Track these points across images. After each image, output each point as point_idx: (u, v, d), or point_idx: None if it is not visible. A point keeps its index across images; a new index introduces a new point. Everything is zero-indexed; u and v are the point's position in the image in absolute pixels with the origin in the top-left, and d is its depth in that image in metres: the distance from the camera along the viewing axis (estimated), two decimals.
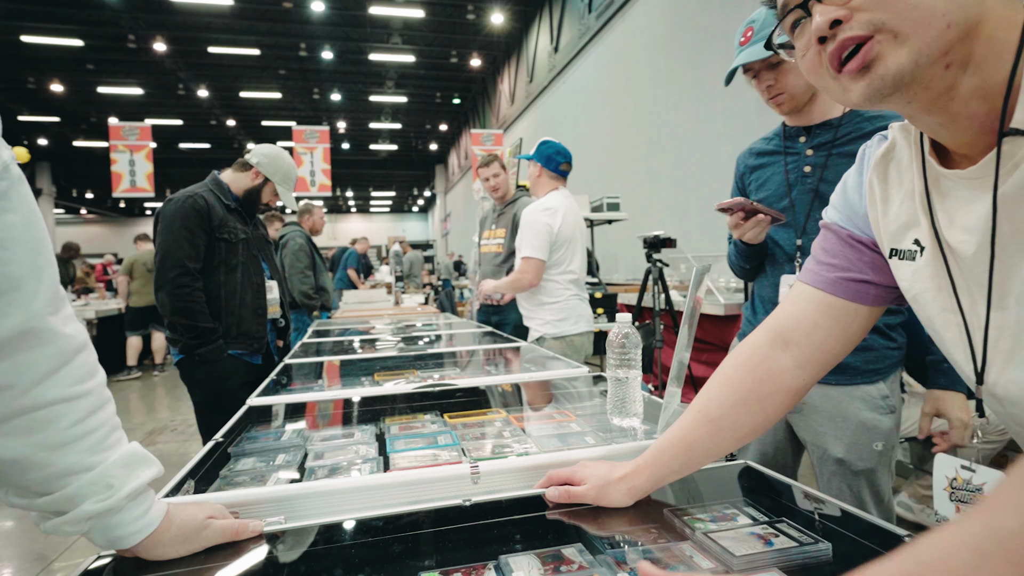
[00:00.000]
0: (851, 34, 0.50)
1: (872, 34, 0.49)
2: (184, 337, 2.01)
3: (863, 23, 0.49)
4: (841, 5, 0.50)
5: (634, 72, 7.96)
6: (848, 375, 1.25)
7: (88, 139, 18.88)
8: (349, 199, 30.08)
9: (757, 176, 1.41)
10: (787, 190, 1.33)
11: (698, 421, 0.74)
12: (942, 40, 0.47)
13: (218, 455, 0.96)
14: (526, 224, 2.44)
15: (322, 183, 10.50)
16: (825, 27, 0.51)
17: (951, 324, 0.59)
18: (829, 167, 1.27)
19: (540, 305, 2.48)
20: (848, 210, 0.71)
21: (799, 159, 1.32)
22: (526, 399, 1.36)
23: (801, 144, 1.33)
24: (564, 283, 2.48)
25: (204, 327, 2.01)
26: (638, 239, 3.18)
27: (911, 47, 0.48)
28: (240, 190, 2.25)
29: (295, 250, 4.08)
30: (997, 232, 0.51)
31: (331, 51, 14.47)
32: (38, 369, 0.52)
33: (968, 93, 0.50)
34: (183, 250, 1.99)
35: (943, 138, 0.56)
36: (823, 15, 0.51)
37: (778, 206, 1.33)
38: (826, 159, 1.27)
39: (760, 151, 1.43)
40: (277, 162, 2.29)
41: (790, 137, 1.36)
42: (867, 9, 0.49)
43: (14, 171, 0.50)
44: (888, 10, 0.48)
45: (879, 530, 0.64)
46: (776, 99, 1.31)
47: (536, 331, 2.49)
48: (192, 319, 2.00)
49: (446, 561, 0.60)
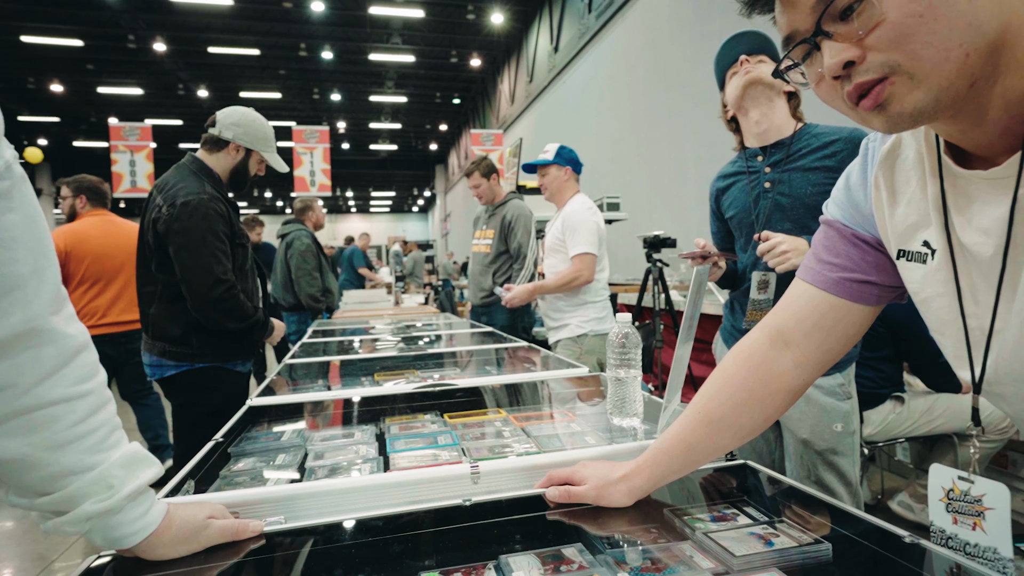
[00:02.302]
0: (866, 78, 0.47)
1: (886, 75, 0.47)
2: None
3: (877, 65, 0.47)
4: (853, 44, 0.47)
5: (634, 72, 7.96)
6: None
7: (88, 139, 18.87)
8: (349, 199, 30.07)
9: (727, 196, 1.54)
10: (752, 205, 1.45)
11: (698, 421, 0.74)
12: (963, 70, 0.45)
13: (218, 455, 0.96)
14: (578, 223, 2.46)
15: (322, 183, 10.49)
16: (838, 69, 0.48)
17: (957, 330, 0.58)
18: (784, 182, 1.40)
19: (583, 304, 2.50)
20: (851, 207, 0.69)
21: (759, 176, 1.45)
22: (526, 399, 1.37)
23: (759, 163, 1.46)
24: (603, 281, 2.56)
25: (256, 319, 1.92)
26: (638, 239, 3.18)
27: (928, 86, 0.46)
28: (224, 172, 1.98)
29: (302, 251, 3.88)
30: (1013, 233, 0.50)
31: (331, 51, 14.46)
32: (39, 369, 0.52)
33: (991, 100, 0.48)
34: (222, 264, 1.81)
35: (960, 140, 0.54)
36: (833, 56, 0.48)
37: (747, 221, 1.46)
38: (782, 174, 1.41)
39: (726, 174, 1.56)
40: (252, 126, 2.00)
41: (750, 158, 1.49)
42: (881, 49, 0.46)
43: (16, 170, 0.50)
44: (902, 51, 0.45)
45: (879, 530, 0.64)
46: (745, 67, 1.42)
47: (578, 328, 2.49)
48: (247, 321, 1.90)
49: (446, 561, 0.60)
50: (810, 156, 1.37)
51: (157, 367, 1.87)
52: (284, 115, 18.78)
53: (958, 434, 2.19)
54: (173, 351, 1.85)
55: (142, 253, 1.88)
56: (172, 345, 1.85)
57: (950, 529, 0.59)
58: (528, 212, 3.06)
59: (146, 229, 1.84)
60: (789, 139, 1.41)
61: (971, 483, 0.57)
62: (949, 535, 0.59)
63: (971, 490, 0.57)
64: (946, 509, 0.59)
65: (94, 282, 2.97)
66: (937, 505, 0.60)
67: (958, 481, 0.58)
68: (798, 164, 1.38)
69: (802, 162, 1.37)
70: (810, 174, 1.36)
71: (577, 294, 2.51)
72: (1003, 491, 0.55)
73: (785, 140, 1.41)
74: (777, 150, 1.42)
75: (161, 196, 1.83)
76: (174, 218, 1.77)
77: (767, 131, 1.43)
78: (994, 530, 0.55)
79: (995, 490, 0.55)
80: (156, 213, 1.81)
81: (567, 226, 2.49)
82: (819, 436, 1.38)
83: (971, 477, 0.58)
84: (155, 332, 1.85)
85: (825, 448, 1.38)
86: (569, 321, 2.52)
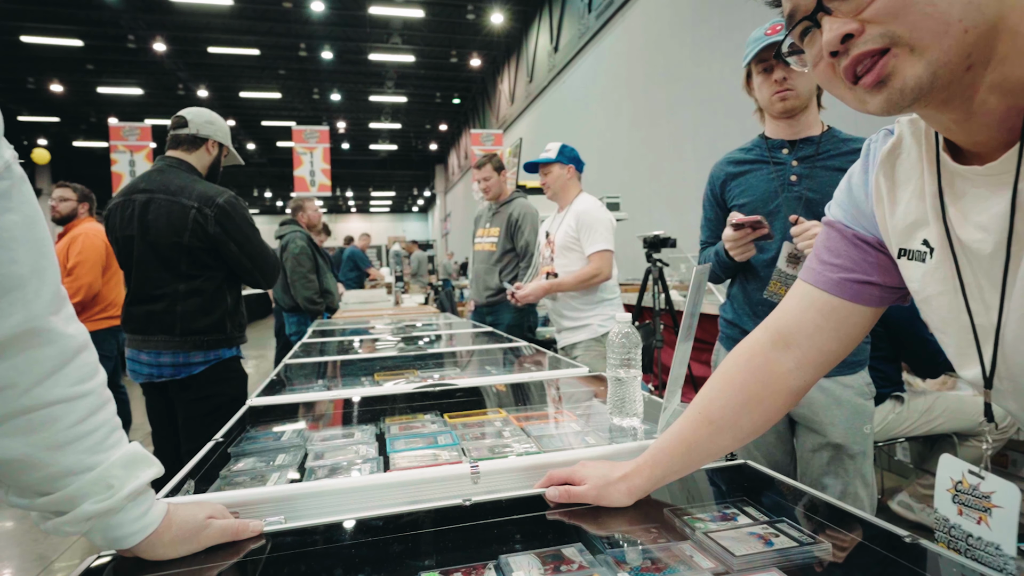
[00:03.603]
0: (865, 48, 0.48)
1: (887, 47, 0.47)
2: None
3: (876, 36, 0.47)
4: (852, 17, 0.48)
5: (634, 72, 7.96)
6: (839, 367, 1.35)
7: (88, 139, 18.86)
8: (349, 199, 30.08)
9: (739, 183, 1.49)
10: (773, 195, 1.42)
11: (699, 422, 0.74)
12: (961, 46, 0.45)
13: (218, 455, 0.96)
14: (594, 220, 2.44)
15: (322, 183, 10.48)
16: (836, 42, 0.49)
17: (960, 327, 0.58)
18: (814, 178, 1.38)
19: (601, 302, 2.49)
20: (853, 208, 0.69)
21: (785, 168, 1.43)
22: (526, 399, 1.37)
23: (785, 155, 1.43)
24: (615, 279, 2.56)
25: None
26: (638, 239, 3.18)
27: (928, 59, 0.46)
28: (204, 169, 2.04)
29: (296, 254, 3.86)
30: (1014, 229, 0.49)
31: (331, 51, 14.46)
32: (39, 369, 0.52)
33: (987, 89, 0.48)
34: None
35: (956, 135, 0.54)
36: (833, 30, 0.49)
37: (763, 211, 1.42)
38: (811, 171, 1.39)
39: (740, 160, 1.51)
40: (221, 123, 2.08)
41: (773, 148, 1.45)
42: (879, 21, 0.47)
43: (16, 171, 0.50)
44: (902, 22, 0.46)
45: (879, 530, 0.64)
46: (783, 94, 1.37)
47: (600, 327, 2.44)
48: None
49: (446, 561, 0.60)
50: (839, 158, 1.37)
51: (183, 366, 1.90)
52: (284, 115, 18.79)
53: (958, 433, 2.19)
54: (208, 339, 1.91)
55: (155, 257, 1.88)
56: (206, 335, 1.90)
57: (954, 519, 0.59)
58: (534, 210, 3.06)
59: (171, 231, 1.86)
60: (819, 137, 1.41)
61: (981, 479, 0.57)
62: (952, 524, 0.59)
63: (981, 486, 0.56)
64: (952, 499, 0.59)
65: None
66: (944, 495, 0.59)
67: (968, 475, 0.58)
68: (828, 163, 1.38)
69: (831, 162, 1.38)
70: (837, 175, 1.35)
71: (595, 292, 2.48)
72: (1015, 492, 0.54)
73: (815, 137, 1.41)
74: (806, 146, 1.41)
75: (189, 199, 1.87)
76: (224, 218, 1.87)
77: (798, 126, 1.42)
78: (1000, 527, 0.54)
79: (1007, 490, 0.54)
80: (196, 215, 1.85)
81: (582, 224, 2.46)
82: (852, 439, 1.35)
83: (982, 473, 0.57)
84: (184, 328, 1.88)
85: (858, 452, 1.36)
86: (589, 321, 2.48)
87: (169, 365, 1.90)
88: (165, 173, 1.94)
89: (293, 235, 3.98)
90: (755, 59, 1.37)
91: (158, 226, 1.86)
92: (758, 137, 1.50)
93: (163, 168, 1.96)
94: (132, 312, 1.93)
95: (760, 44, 1.34)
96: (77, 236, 3.21)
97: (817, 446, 1.38)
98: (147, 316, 1.89)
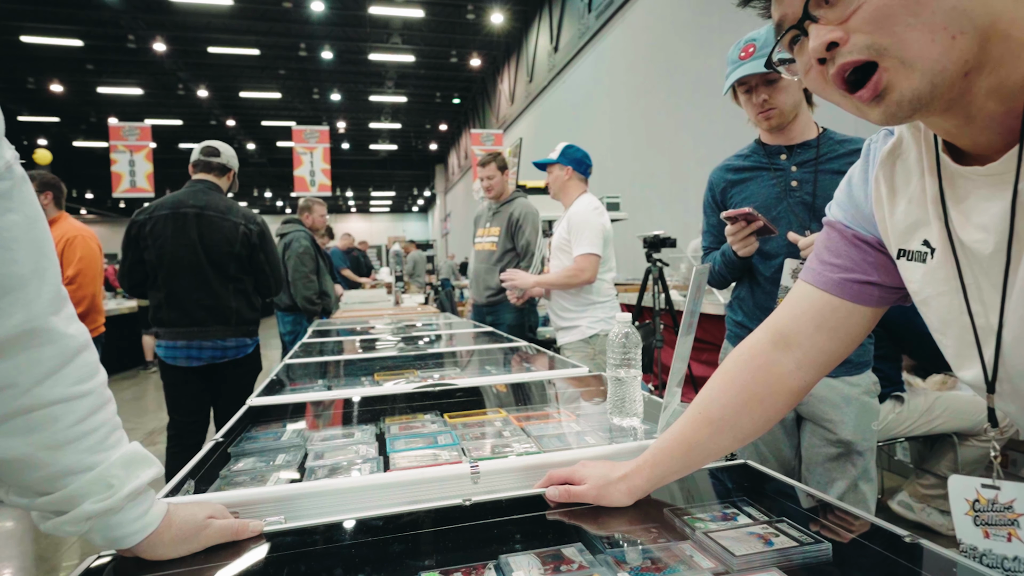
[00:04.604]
0: (849, 59, 0.48)
1: (872, 59, 0.47)
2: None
3: (862, 47, 0.47)
4: (837, 25, 0.48)
5: (634, 72, 7.96)
6: (846, 367, 1.39)
7: (88, 139, 18.87)
8: (349, 199, 30.07)
9: (739, 190, 1.50)
10: (776, 202, 1.43)
11: (699, 422, 0.74)
12: (953, 54, 0.45)
13: (218, 455, 0.96)
14: (582, 223, 2.45)
15: (322, 183, 10.49)
16: (822, 50, 0.49)
17: (961, 328, 0.57)
18: (811, 182, 1.39)
19: (591, 304, 2.50)
20: (853, 208, 0.69)
21: (784, 174, 1.43)
22: (526, 399, 1.37)
23: (784, 161, 1.44)
24: (609, 282, 2.56)
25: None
26: (638, 239, 3.18)
27: (922, 69, 0.46)
28: (225, 193, 2.58)
29: (299, 253, 3.86)
30: (1015, 230, 0.50)
31: (331, 51, 14.45)
32: (40, 369, 0.52)
33: (985, 94, 0.48)
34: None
35: (957, 138, 0.54)
36: (817, 38, 0.49)
37: (767, 217, 1.40)
38: (812, 175, 1.39)
39: (738, 167, 1.51)
40: (236, 157, 2.62)
41: (771, 154, 1.46)
42: (863, 31, 0.47)
43: (17, 171, 0.50)
44: (886, 32, 0.46)
45: (879, 530, 0.64)
46: (767, 113, 1.39)
47: (589, 328, 2.48)
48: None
49: (446, 561, 0.60)
50: (838, 160, 1.37)
51: (241, 348, 2.52)
52: (284, 115, 18.79)
53: (958, 433, 2.19)
54: (253, 328, 2.56)
55: (210, 263, 2.39)
56: (252, 324, 2.56)
57: (982, 545, 0.53)
58: (535, 210, 3.07)
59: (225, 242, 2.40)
60: (815, 141, 1.41)
61: (997, 489, 0.53)
62: (982, 552, 0.53)
63: (998, 497, 0.52)
64: (974, 523, 0.53)
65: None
66: (963, 520, 0.54)
67: (982, 490, 0.54)
68: (827, 167, 1.38)
69: (831, 165, 1.38)
70: (837, 177, 1.36)
71: (583, 294, 2.50)
72: None
73: (811, 141, 1.42)
74: (804, 150, 1.42)
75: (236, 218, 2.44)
76: (260, 234, 2.50)
77: (792, 133, 1.43)
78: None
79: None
80: (244, 229, 2.44)
81: (572, 226, 2.48)
82: (862, 437, 1.37)
83: (996, 483, 0.53)
84: (239, 320, 2.48)
85: (867, 448, 1.38)
86: (579, 322, 2.51)
87: (233, 348, 2.49)
88: (208, 194, 2.43)
89: (297, 234, 3.96)
90: (736, 82, 1.39)
91: (214, 238, 2.38)
92: (754, 143, 1.50)
93: (204, 189, 2.44)
94: (188, 309, 2.38)
95: (736, 75, 1.37)
96: (73, 240, 2.93)
97: (826, 443, 1.40)
98: (206, 311, 2.40)
